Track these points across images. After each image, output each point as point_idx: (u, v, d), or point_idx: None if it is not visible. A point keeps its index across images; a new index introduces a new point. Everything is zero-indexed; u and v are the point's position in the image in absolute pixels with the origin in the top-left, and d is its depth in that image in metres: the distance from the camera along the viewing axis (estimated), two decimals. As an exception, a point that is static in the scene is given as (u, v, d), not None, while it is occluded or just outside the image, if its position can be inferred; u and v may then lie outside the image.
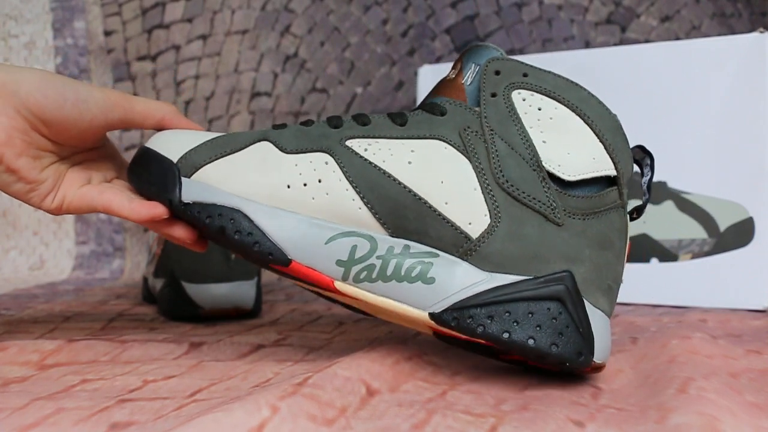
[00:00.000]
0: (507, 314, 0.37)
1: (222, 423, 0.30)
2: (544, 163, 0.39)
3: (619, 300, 0.68)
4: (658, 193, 0.67)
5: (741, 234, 0.64)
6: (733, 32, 0.91)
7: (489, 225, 0.38)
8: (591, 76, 0.69)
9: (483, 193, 0.39)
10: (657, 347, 0.46)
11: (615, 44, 0.94)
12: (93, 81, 0.98)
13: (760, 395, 0.38)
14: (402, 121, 0.41)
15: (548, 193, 0.39)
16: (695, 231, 0.65)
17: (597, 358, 0.39)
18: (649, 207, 0.67)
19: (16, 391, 0.39)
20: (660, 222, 0.66)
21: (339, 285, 0.39)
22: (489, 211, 0.39)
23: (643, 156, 0.43)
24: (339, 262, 0.39)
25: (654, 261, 0.66)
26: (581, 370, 0.39)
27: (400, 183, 0.39)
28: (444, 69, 0.77)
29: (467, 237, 0.38)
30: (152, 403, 0.36)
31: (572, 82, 0.41)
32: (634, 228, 0.67)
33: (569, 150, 0.40)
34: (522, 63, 0.41)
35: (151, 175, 0.42)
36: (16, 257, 0.94)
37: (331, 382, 0.37)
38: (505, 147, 0.39)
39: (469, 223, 0.39)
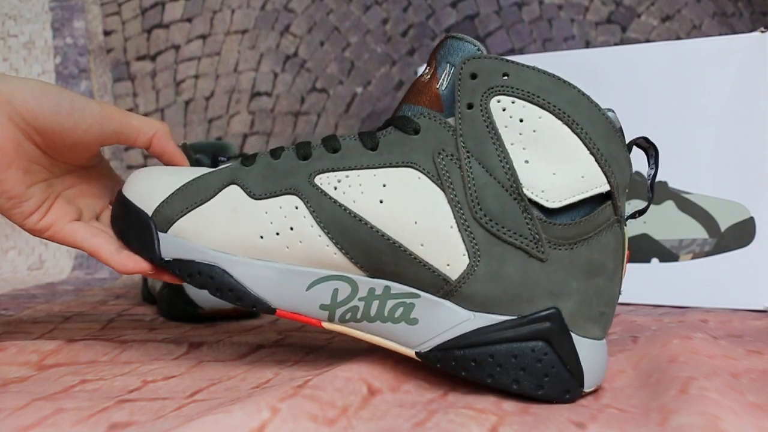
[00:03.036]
0: (490, 358, 0.37)
1: (222, 424, 0.30)
2: (525, 190, 0.37)
3: (619, 300, 0.67)
4: (659, 193, 0.67)
5: (742, 234, 0.64)
6: (733, 32, 0.91)
7: (468, 265, 0.37)
8: (591, 76, 0.69)
9: (460, 230, 0.37)
10: (658, 347, 0.46)
11: (615, 44, 0.94)
12: (92, 81, 0.98)
13: (762, 396, 0.37)
14: (373, 144, 0.39)
15: (530, 225, 0.36)
16: (696, 231, 0.65)
17: (587, 387, 0.38)
18: (650, 207, 0.67)
19: (15, 391, 0.38)
20: (661, 222, 0.66)
21: (326, 325, 0.40)
22: (467, 250, 0.37)
23: (647, 147, 0.39)
24: (323, 306, 0.39)
25: (655, 261, 0.66)
26: None
27: (372, 227, 0.37)
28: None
29: (446, 279, 0.37)
30: (152, 404, 0.36)
31: (560, 79, 0.37)
32: (635, 228, 0.67)
33: (555, 169, 0.37)
34: (502, 60, 0.38)
35: (131, 230, 0.42)
36: (15, 257, 0.94)
37: (331, 382, 0.37)
38: (483, 173, 0.37)
39: (447, 265, 0.37)
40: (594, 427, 0.33)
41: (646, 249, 0.67)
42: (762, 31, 0.64)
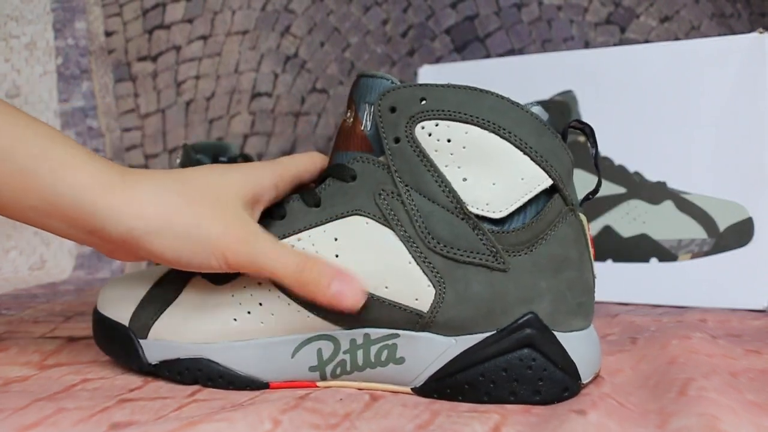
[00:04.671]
0: (481, 377, 0.37)
1: None
2: (470, 208, 0.37)
3: (618, 300, 0.68)
4: (658, 193, 0.67)
5: (740, 234, 0.64)
6: (732, 32, 0.91)
7: (436, 294, 0.37)
8: (591, 76, 0.69)
9: (418, 264, 0.37)
10: (657, 348, 0.46)
11: (615, 44, 0.94)
12: (94, 81, 0.98)
13: (761, 394, 0.38)
14: (316, 200, 0.39)
15: (484, 240, 0.37)
16: (695, 231, 0.65)
17: (585, 379, 0.38)
18: (649, 207, 0.67)
19: (17, 391, 0.39)
20: (659, 222, 0.66)
21: (321, 384, 0.40)
22: (430, 280, 0.37)
23: (581, 127, 0.39)
24: (312, 368, 0.39)
25: (653, 261, 0.66)
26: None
27: None
28: (444, 69, 0.77)
29: (418, 314, 0.37)
30: (153, 403, 0.36)
31: (475, 89, 0.37)
32: (634, 228, 0.67)
33: (493, 179, 0.37)
34: (416, 86, 0.38)
35: (114, 344, 0.42)
36: (17, 257, 0.94)
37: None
38: (425, 202, 0.37)
39: (416, 299, 0.37)
40: (594, 415, 0.33)
41: (645, 249, 0.67)
42: (760, 32, 0.64)
